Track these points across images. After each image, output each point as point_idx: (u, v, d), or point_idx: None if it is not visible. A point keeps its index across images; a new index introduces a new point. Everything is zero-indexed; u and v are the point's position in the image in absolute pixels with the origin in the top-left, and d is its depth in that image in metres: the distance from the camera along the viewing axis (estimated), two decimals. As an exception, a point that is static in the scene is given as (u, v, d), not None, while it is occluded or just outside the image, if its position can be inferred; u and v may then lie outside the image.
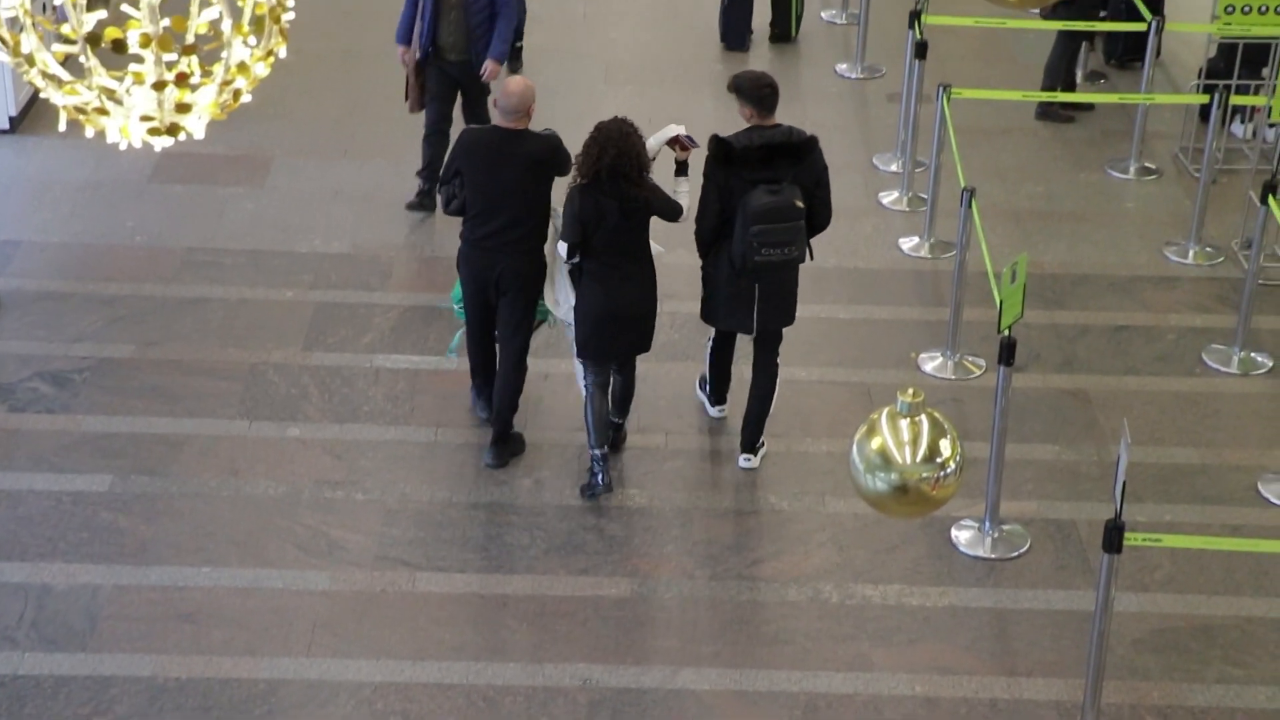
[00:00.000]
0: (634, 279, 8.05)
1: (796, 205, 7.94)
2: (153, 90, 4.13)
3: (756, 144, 7.96)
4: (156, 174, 10.87)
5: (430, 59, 10.20)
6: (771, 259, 7.99)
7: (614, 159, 7.79)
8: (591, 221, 7.89)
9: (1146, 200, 11.11)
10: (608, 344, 8.15)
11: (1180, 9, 12.79)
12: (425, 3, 10.13)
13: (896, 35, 12.22)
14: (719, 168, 7.99)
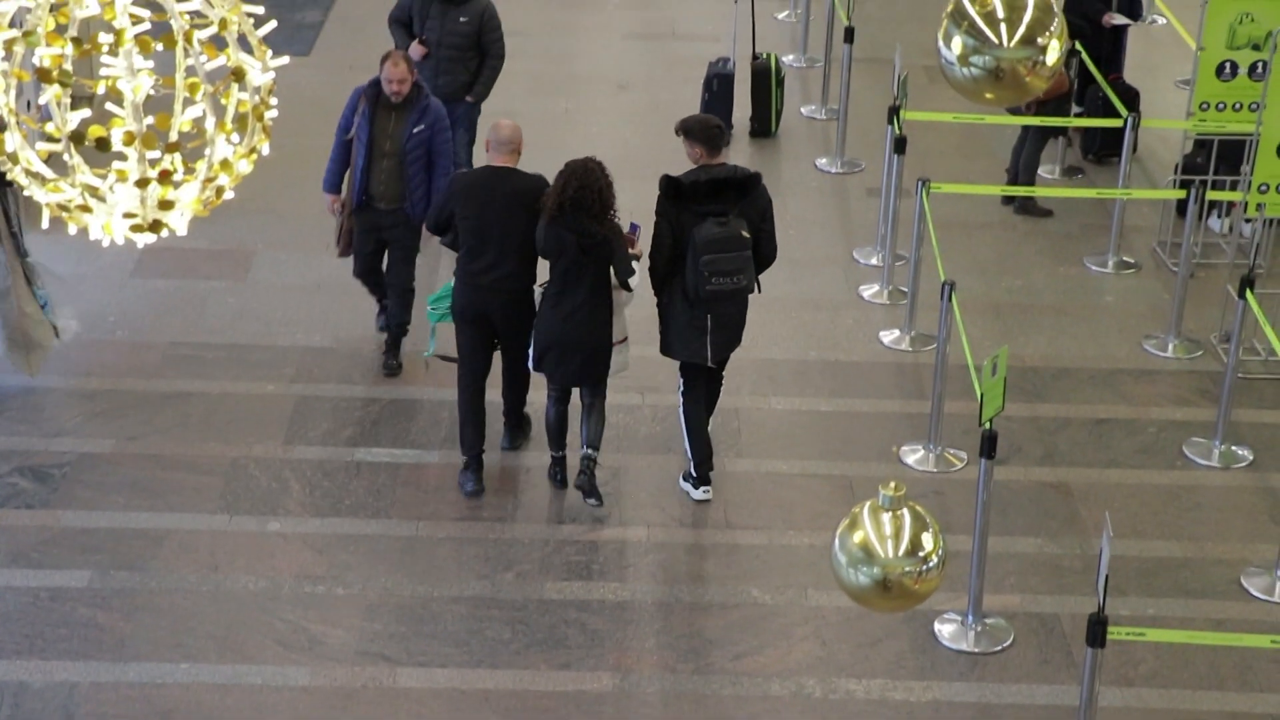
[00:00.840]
0: (586, 311, 8.51)
1: (743, 236, 8.47)
2: (136, 187, 4.15)
3: (704, 179, 8.51)
4: (139, 269, 10.89)
5: (361, 208, 9.61)
6: (722, 287, 8.50)
7: (576, 191, 8.28)
8: (552, 252, 8.45)
9: (1126, 294, 11.17)
10: (560, 368, 8.68)
11: (1155, 106, 12.93)
12: (357, 149, 9.51)
13: (876, 130, 12.32)
14: (670, 204, 8.52)
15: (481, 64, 11.02)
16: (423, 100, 9.52)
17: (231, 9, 4.27)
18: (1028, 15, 5.05)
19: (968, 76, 5.16)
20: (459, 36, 10.89)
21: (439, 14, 10.90)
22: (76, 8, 3.98)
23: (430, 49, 10.86)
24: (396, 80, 9.40)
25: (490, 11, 10.99)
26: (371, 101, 9.50)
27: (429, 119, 9.49)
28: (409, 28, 11.05)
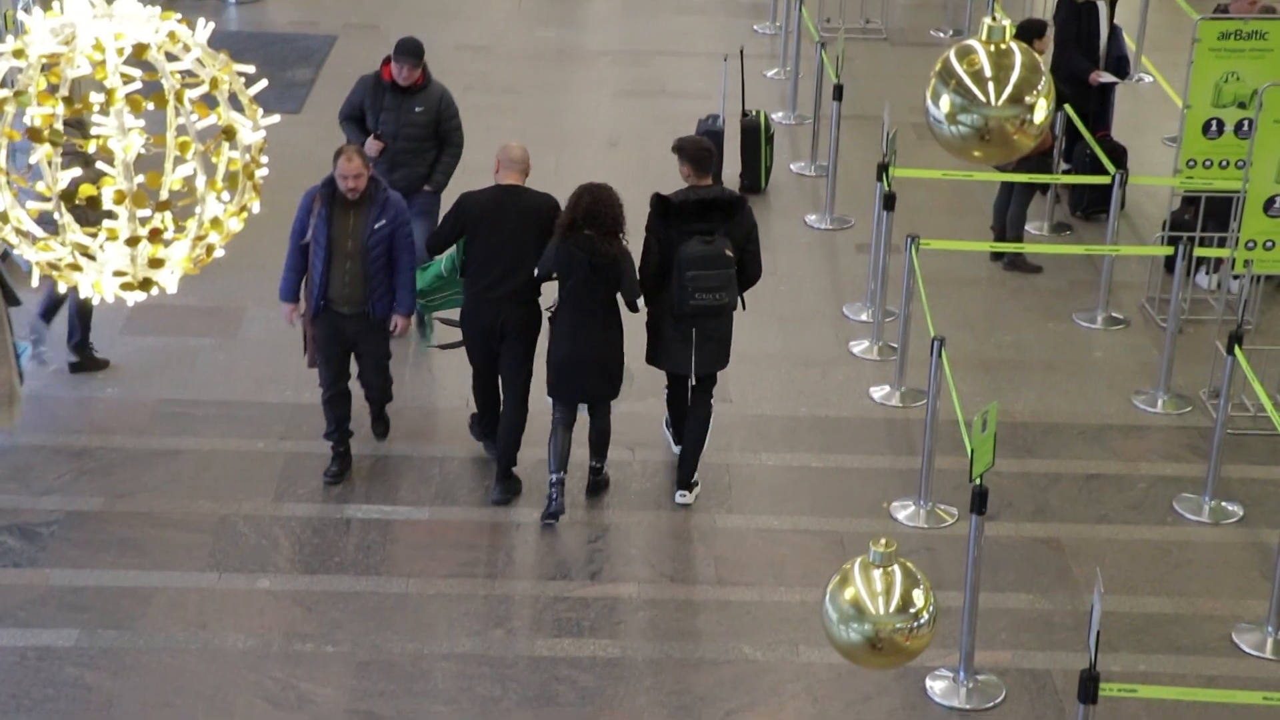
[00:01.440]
0: (597, 330, 8.90)
1: (727, 254, 8.88)
2: (126, 246, 4.15)
3: (692, 199, 8.93)
4: (128, 326, 10.88)
5: (322, 312, 9.10)
6: (705, 303, 8.92)
7: (588, 205, 8.73)
8: (563, 270, 8.82)
9: (1115, 350, 11.20)
10: (571, 386, 9.01)
11: (1143, 163, 12.99)
12: (315, 251, 9.04)
13: (865, 187, 12.37)
14: (659, 221, 8.98)
15: (439, 153, 10.58)
16: (381, 194, 9.02)
17: (223, 68, 4.28)
18: (1015, 74, 5.07)
19: (956, 135, 5.17)
20: (416, 127, 10.44)
21: (393, 105, 10.41)
22: (68, 67, 4.00)
23: (386, 143, 10.37)
24: (352, 176, 8.90)
25: (447, 98, 10.56)
26: (327, 201, 9.00)
27: (390, 214, 8.99)
28: (361, 123, 10.53)
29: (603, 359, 8.96)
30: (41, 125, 4.00)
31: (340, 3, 16.94)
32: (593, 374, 8.97)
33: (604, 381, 9.04)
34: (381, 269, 9.03)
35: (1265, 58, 10.94)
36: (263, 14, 16.70)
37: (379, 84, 10.47)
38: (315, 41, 15.89)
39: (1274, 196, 9.95)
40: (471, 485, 9.44)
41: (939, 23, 16.91)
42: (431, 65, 10.73)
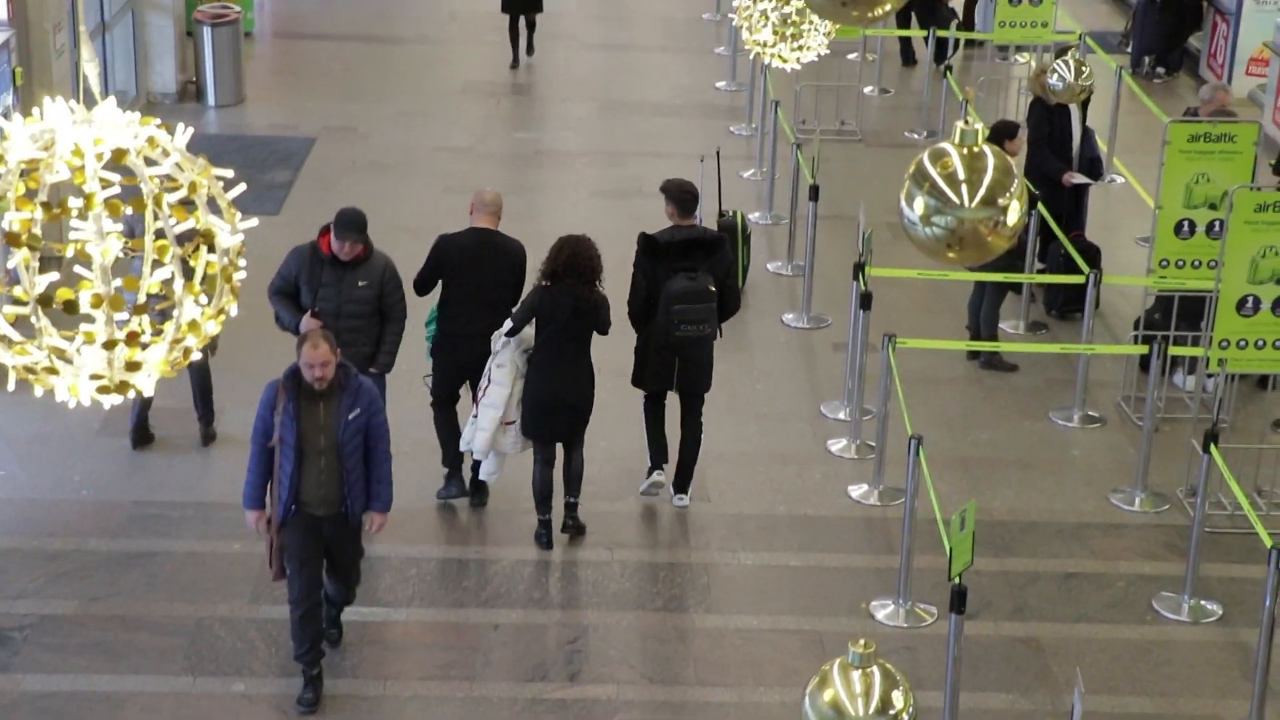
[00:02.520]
0: (573, 373, 9.47)
1: (709, 290, 9.70)
2: (103, 349, 4.15)
3: (677, 239, 9.76)
4: (105, 427, 10.84)
5: (293, 517, 8.19)
6: (689, 334, 9.71)
7: (569, 257, 9.33)
8: (544, 317, 9.35)
9: (1091, 448, 11.22)
10: (547, 425, 9.53)
11: (1116, 262, 13.08)
12: (283, 453, 8.12)
13: (841, 286, 12.42)
14: (647, 258, 9.75)
15: (383, 330, 9.54)
16: (352, 381, 8.18)
17: (201, 173, 4.31)
18: (988, 176, 5.13)
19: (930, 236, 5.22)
20: (359, 303, 9.40)
21: (333, 280, 9.38)
22: (47, 173, 4.02)
23: (326, 321, 9.18)
24: (319, 364, 8.02)
25: (391, 270, 9.52)
26: (293, 394, 8.10)
27: (364, 401, 8.16)
28: (295, 299, 9.51)
29: (577, 401, 9.55)
30: (20, 230, 4.01)
31: (319, 105, 17.05)
32: (567, 414, 9.54)
33: (577, 421, 9.61)
34: (358, 463, 8.17)
35: (1235, 160, 11.07)
36: (242, 117, 16.80)
37: (317, 256, 9.43)
38: (294, 144, 15.97)
39: (1246, 296, 10.03)
40: (449, 585, 9.39)
41: (913, 125, 17.08)
42: (410, 166, 10.79)
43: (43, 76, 12.92)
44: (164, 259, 4.19)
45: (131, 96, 16.36)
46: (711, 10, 20.43)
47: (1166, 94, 17.66)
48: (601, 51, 19.37)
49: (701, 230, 10.06)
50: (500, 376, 9.51)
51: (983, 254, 5.24)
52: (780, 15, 12.59)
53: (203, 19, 16.81)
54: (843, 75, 17.41)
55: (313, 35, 19.47)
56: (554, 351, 9.41)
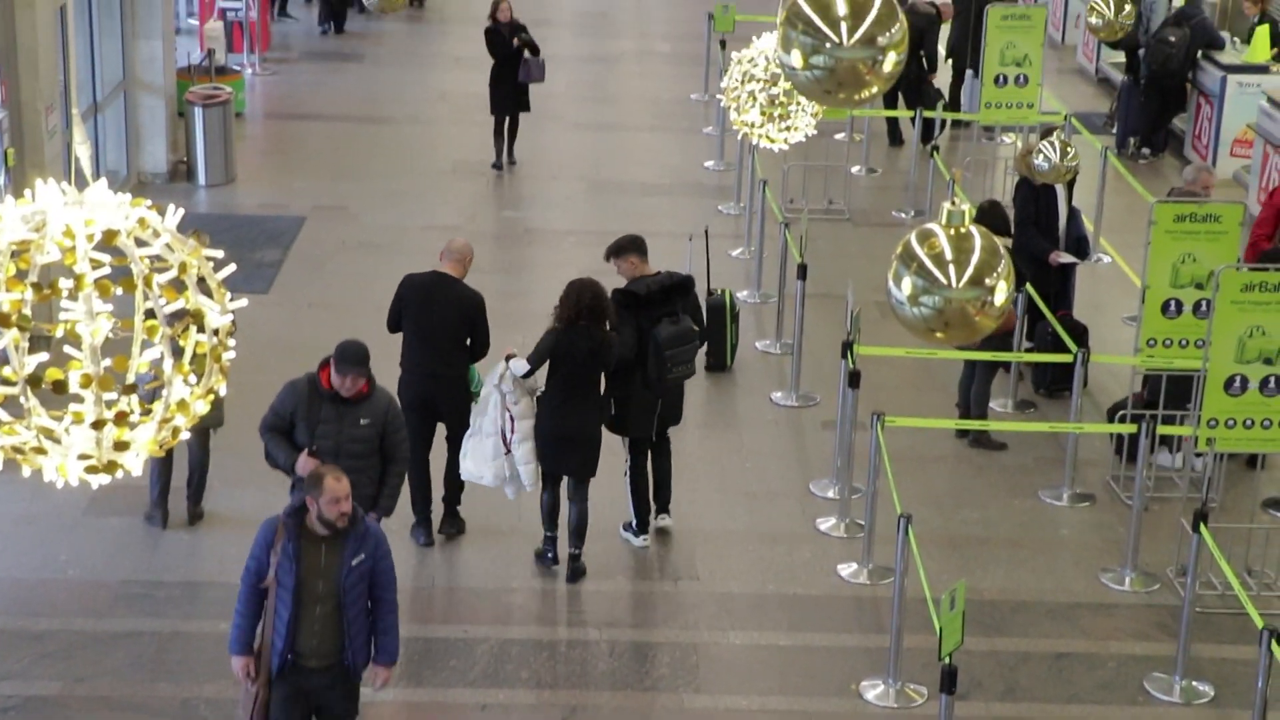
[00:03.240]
0: (584, 409, 9.98)
1: (693, 330, 10.42)
2: (92, 429, 4.15)
3: (655, 288, 10.32)
4: (92, 506, 10.80)
5: (287, 670, 7.60)
6: (680, 375, 10.33)
7: (592, 300, 9.86)
8: (560, 357, 9.86)
9: (1081, 527, 11.21)
10: (561, 460, 10.04)
11: (1104, 341, 13.12)
12: (279, 597, 7.53)
13: (830, 364, 12.45)
14: (631, 312, 10.21)
15: (385, 472, 9.03)
16: (359, 525, 7.62)
17: (191, 253, 4.32)
18: (975, 257, 5.17)
19: (918, 316, 5.25)
20: (360, 443, 8.87)
21: (333, 417, 8.89)
22: (38, 254, 4.03)
23: (324, 461, 8.57)
24: (345, 497, 7.47)
25: (395, 408, 9.12)
26: (293, 534, 7.54)
27: (369, 547, 7.60)
28: (289, 436, 9.00)
29: (586, 435, 10.02)
30: (9, 310, 4.02)
31: (309, 185, 17.12)
32: (577, 450, 10.02)
33: (586, 457, 10.06)
34: (360, 612, 7.60)
35: (1220, 240, 11.13)
36: (232, 196, 16.86)
37: (315, 391, 8.96)
38: (284, 223, 16.02)
39: (1234, 376, 10.06)
40: (436, 666, 9.33)
41: (900, 204, 17.16)
42: (400, 245, 10.83)
43: (35, 157, 12.97)
44: (154, 339, 4.19)
45: (123, 176, 16.43)
46: (699, 91, 20.57)
47: (1152, 175, 17.78)
48: (590, 131, 19.48)
49: (670, 274, 10.58)
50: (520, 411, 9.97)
51: (970, 334, 5.26)
52: (768, 96, 12.70)
53: (194, 100, 16.91)
54: (830, 155, 17.52)
55: (304, 116, 19.58)
56: (568, 390, 9.92)
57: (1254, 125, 17.05)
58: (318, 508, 7.46)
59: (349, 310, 14.01)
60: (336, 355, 8.92)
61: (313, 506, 7.49)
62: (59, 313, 4.15)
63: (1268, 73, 17.83)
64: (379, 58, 21.99)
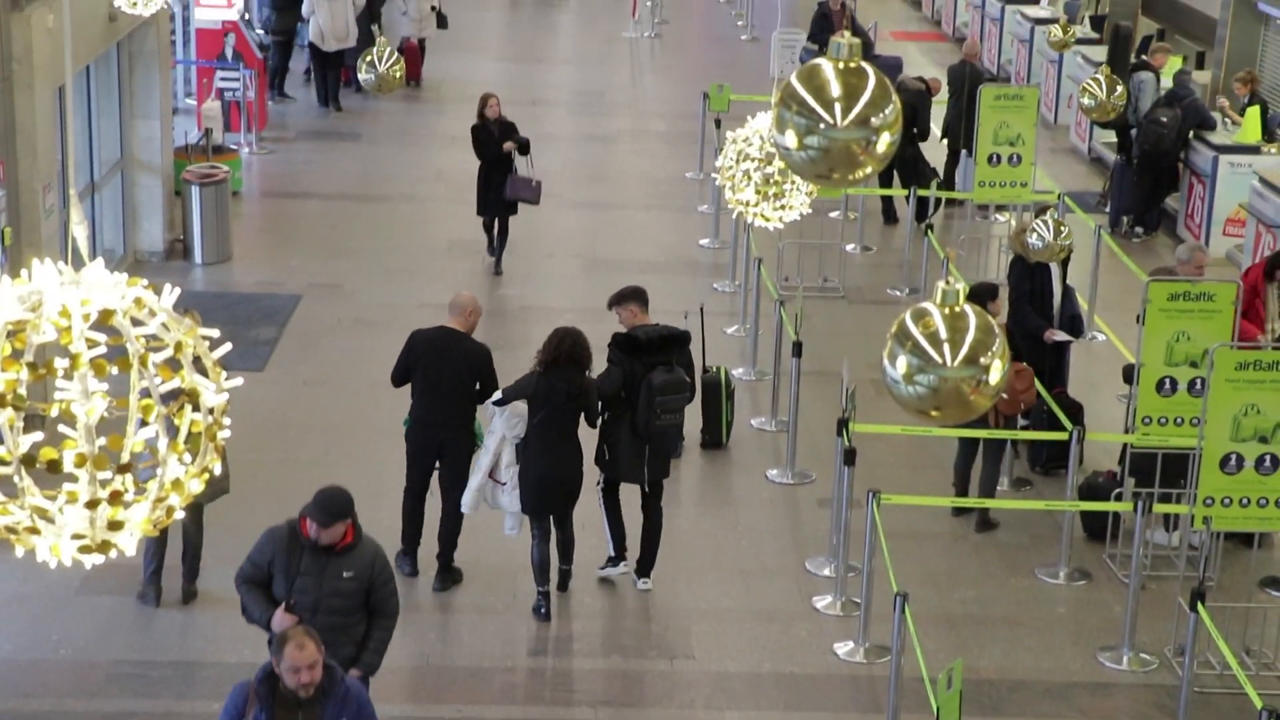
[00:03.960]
0: (565, 452, 10.38)
1: (685, 380, 10.79)
2: (86, 509, 4.14)
3: (655, 336, 10.74)
4: (84, 586, 10.75)
5: None
6: (668, 423, 10.69)
7: (571, 346, 10.29)
8: (540, 400, 10.26)
9: (1078, 605, 11.17)
10: (546, 500, 10.41)
11: (1099, 419, 13.13)
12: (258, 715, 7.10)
13: (825, 442, 12.44)
14: (626, 356, 10.64)
15: (370, 627, 8.38)
16: (337, 686, 7.14)
17: (187, 332, 4.33)
18: (970, 336, 5.17)
19: (913, 395, 5.25)
20: (342, 597, 8.23)
21: (314, 568, 8.24)
22: (34, 333, 4.03)
23: (302, 615, 8.01)
24: (307, 667, 6.97)
25: (382, 560, 8.41)
26: (266, 703, 7.04)
27: (350, 710, 7.14)
28: (267, 588, 8.35)
29: (569, 477, 10.44)
30: (4, 390, 4.02)
31: (305, 263, 17.17)
32: (561, 491, 10.43)
33: (570, 497, 10.52)
34: None
35: (1214, 318, 11.17)
36: (228, 274, 16.91)
37: (295, 540, 8.31)
38: (280, 301, 16.06)
39: (1230, 454, 10.05)
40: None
41: (895, 282, 17.22)
42: (395, 323, 10.86)
43: (31, 236, 13.02)
44: (149, 418, 4.19)
45: (119, 255, 16.47)
46: (695, 169, 20.68)
47: (1145, 253, 17.85)
48: (586, 209, 19.56)
49: (670, 327, 10.99)
50: (489, 444, 10.49)
51: (965, 413, 5.25)
52: (763, 175, 12.74)
53: (191, 179, 16.98)
54: (825, 233, 17.60)
55: (300, 194, 19.66)
56: (548, 433, 10.30)
57: (1246, 205, 17.15)
58: (280, 674, 6.99)
59: (344, 387, 14.03)
60: (314, 505, 8.20)
61: (278, 671, 7.02)
62: (54, 392, 4.15)
63: (1259, 153, 17.96)
64: (375, 136, 22.11)
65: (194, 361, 4.38)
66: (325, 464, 12.51)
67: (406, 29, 24.55)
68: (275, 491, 12.31)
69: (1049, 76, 23.38)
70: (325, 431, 13.23)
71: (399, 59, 15.20)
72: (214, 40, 21.03)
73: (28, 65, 12.94)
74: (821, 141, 5.01)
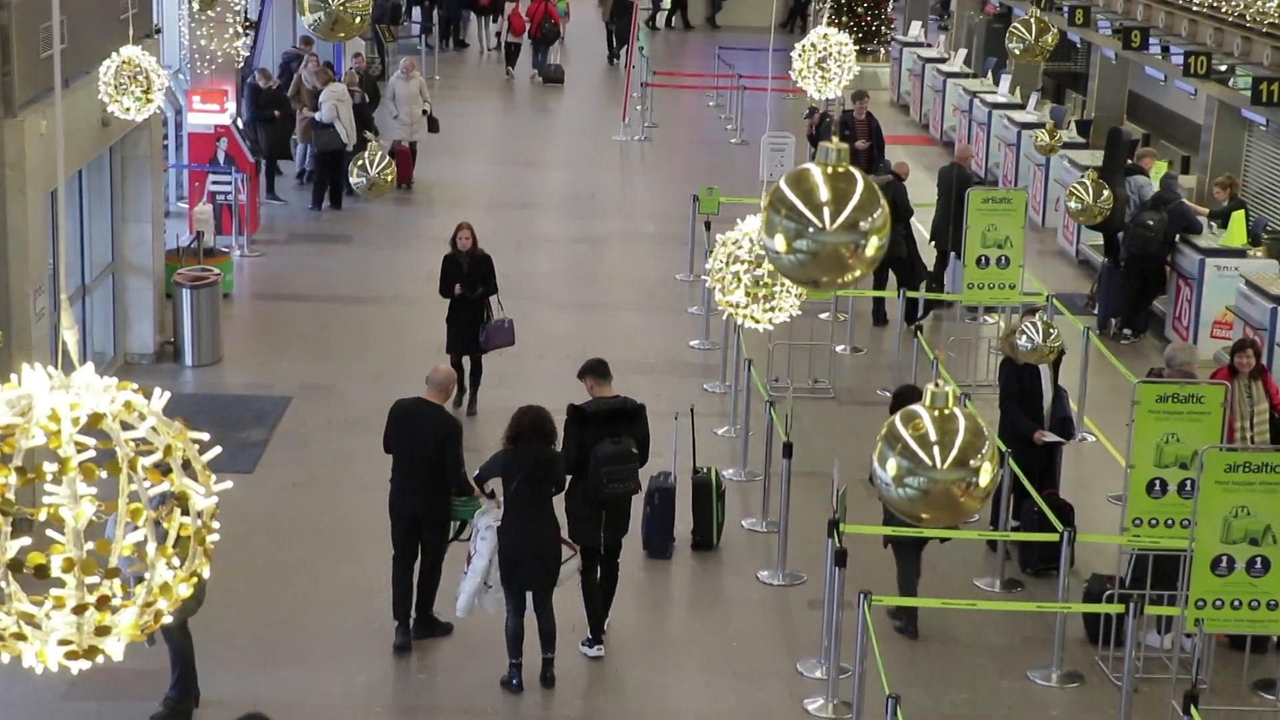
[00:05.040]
0: (539, 524, 10.70)
1: (632, 451, 11.22)
2: (73, 614, 4.11)
3: (602, 409, 11.28)
4: (71, 691, 10.65)
5: None
6: (616, 491, 11.13)
7: (533, 420, 10.72)
8: (510, 472, 10.63)
9: (1071, 708, 11.09)
10: (519, 575, 10.68)
11: (1090, 520, 13.11)
12: None
13: (816, 543, 12.40)
14: (576, 426, 11.15)
15: None
16: None
17: (177, 435, 4.32)
18: (960, 438, 5.18)
19: (903, 497, 5.25)
20: None
21: None
22: (23, 438, 4.03)
23: None
24: None
25: None
26: None
27: None
28: None
29: (544, 550, 10.72)
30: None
31: (296, 365, 17.18)
32: (538, 563, 10.68)
33: (547, 571, 10.75)
34: None
35: (1203, 420, 11.19)
36: (219, 376, 16.91)
37: None
38: (270, 403, 16.05)
39: (1220, 556, 10.04)
40: None
41: (885, 383, 17.24)
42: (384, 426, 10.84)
43: (22, 340, 13.03)
44: (137, 522, 4.17)
45: (109, 357, 16.48)
46: (685, 271, 20.77)
47: (1134, 355, 17.91)
48: (577, 311, 19.63)
49: (623, 400, 11.47)
50: (483, 549, 10.76)
51: (955, 515, 5.26)
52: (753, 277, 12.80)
53: (183, 281, 17.02)
54: (815, 334, 17.65)
55: (291, 296, 19.71)
56: (521, 506, 10.63)
57: (1233, 307, 17.23)
58: None
59: (333, 489, 13.99)
60: None
61: None
62: (42, 496, 4.14)
63: (1244, 256, 18.07)
64: (366, 239, 22.20)
65: (183, 465, 4.37)
66: (313, 567, 12.46)
67: (398, 132, 24.72)
68: (263, 594, 12.25)
69: (1036, 180, 23.57)
70: (314, 534, 13.18)
71: (390, 162, 15.28)
72: (206, 144, 21.17)
73: (20, 170, 13.01)
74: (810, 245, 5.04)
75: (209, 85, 21.15)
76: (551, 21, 34.72)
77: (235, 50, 21.43)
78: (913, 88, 31.51)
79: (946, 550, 12.38)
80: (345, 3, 8.12)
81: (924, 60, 30.91)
